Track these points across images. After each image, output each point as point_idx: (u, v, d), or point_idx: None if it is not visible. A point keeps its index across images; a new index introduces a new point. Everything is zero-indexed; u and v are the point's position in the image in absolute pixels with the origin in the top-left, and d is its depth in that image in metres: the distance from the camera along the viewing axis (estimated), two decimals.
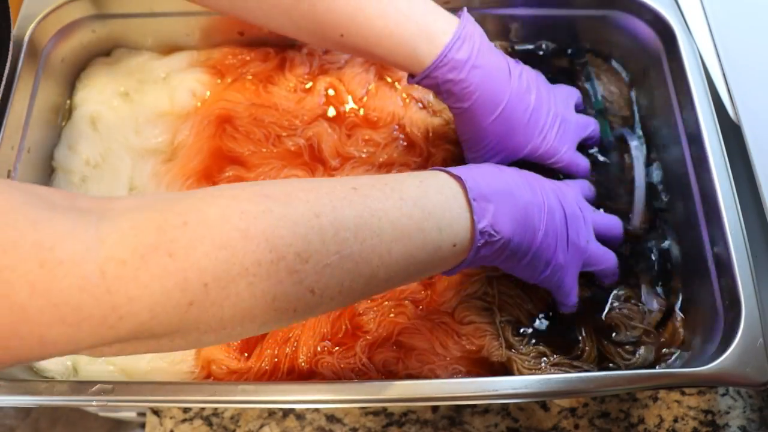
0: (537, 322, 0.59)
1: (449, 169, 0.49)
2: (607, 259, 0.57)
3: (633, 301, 0.60)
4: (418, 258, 0.44)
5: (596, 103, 0.69)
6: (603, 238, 0.58)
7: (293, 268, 0.37)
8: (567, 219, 0.53)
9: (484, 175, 0.49)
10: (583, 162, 0.63)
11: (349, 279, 0.40)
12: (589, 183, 0.62)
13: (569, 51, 0.73)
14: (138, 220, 0.34)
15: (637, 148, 0.66)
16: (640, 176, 0.64)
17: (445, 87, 0.56)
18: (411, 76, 0.57)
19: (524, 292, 0.60)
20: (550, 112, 0.60)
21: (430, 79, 0.55)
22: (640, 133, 0.69)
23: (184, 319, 0.35)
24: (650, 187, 0.65)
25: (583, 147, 0.65)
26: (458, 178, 0.48)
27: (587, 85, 0.71)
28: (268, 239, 0.36)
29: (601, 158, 0.67)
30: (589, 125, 0.64)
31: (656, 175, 0.66)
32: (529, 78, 0.59)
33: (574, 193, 0.57)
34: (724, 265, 0.55)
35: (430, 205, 0.45)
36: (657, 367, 0.57)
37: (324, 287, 0.39)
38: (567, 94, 0.65)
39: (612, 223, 0.60)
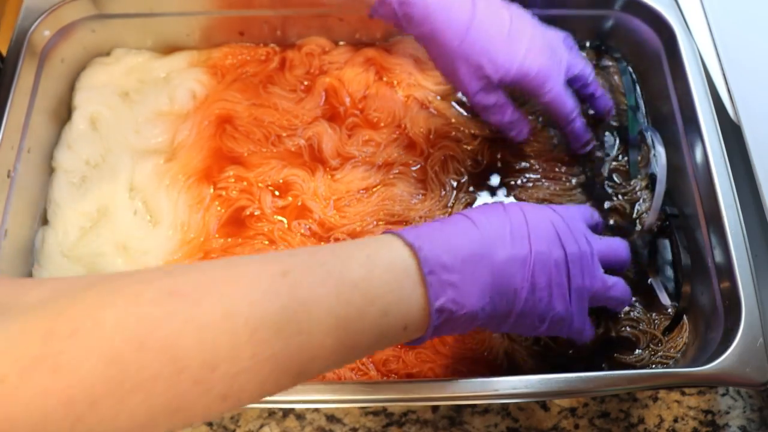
0: None
1: (405, 232, 0.42)
2: (618, 290, 0.51)
3: (642, 306, 0.60)
4: (360, 345, 0.39)
5: (629, 99, 0.69)
6: (609, 265, 0.51)
7: (198, 378, 0.33)
8: (568, 262, 0.46)
9: (449, 237, 0.43)
10: (570, 101, 0.58)
11: (272, 380, 0.35)
12: (592, 209, 0.55)
13: None
14: (28, 324, 0.31)
15: (660, 144, 0.65)
16: (662, 173, 0.63)
17: (403, 11, 0.53)
18: (370, 14, 0.55)
19: None
20: (536, 36, 0.56)
21: (386, 5, 0.52)
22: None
23: None
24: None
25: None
26: (412, 247, 0.41)
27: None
28: (168, 350, 0.32)
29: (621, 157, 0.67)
30: (580, 63, 0.61)
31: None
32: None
33: (577, 222, 0.50)
34: (724, 265, 0.55)
35: (375, 287, 0.39)
36: (657, 367, 0.57)
37: (239, 392, 0.34)
38: (557, 33, 0.62)
39: (617, 246, 0.53)
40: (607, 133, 0.68)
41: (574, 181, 0.66)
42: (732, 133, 0.61)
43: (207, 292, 0.34)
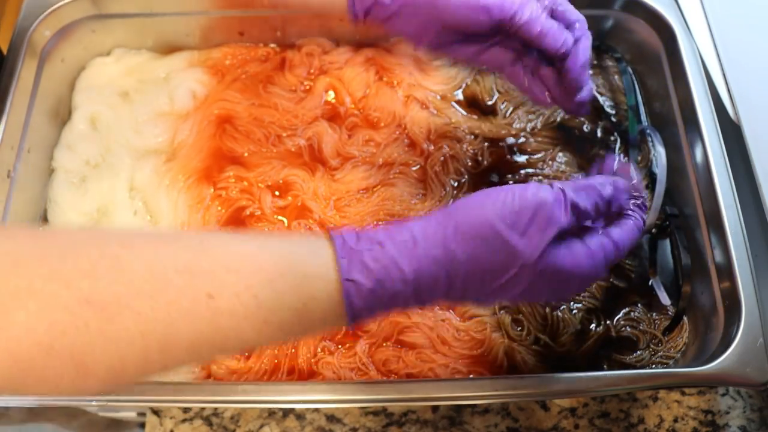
0: (539, 321, 0.59)
1: (342, 270, 0.38)
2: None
3: (642, 306, 0.60)
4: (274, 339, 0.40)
5: (629, 99, 0.69)
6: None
7: (104, 378, 0.34)
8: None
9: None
10: (560, 34, 0.50)
11: (174, 366, 0.37)
12: (607, 181, 0.46)
13: None
14: None
15: (660, 144, 0.65)
16: (662, 173, 0.62)
17: None
18: (354, 16, 0.53)
19: None
20: None
21: None
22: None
23: None
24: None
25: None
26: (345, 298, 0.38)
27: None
28: (75, 356, 0.33)
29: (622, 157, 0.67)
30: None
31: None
32: None
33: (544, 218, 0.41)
34: (724, 265, 0.55)
35: (305, 328, 0.39)
36: (657, 367, 0.57)
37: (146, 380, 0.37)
38: None
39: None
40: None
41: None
42: (732, 133, 0.61)
43: (125, 305, 0.34)
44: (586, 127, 0.69)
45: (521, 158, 0.67)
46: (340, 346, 0.58)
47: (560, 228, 0.41)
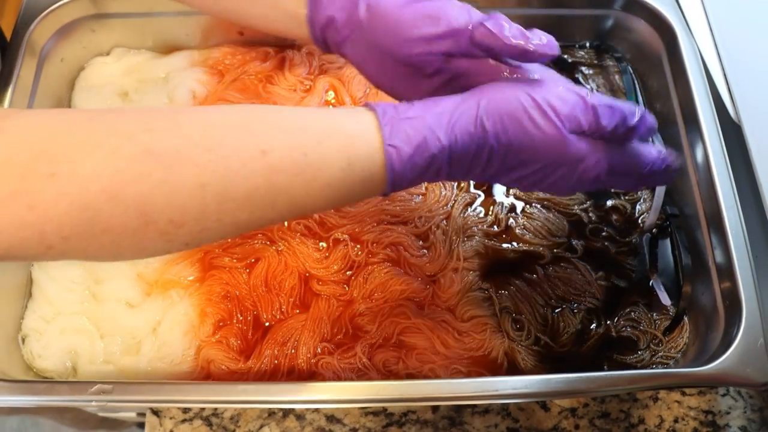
0: (539, 319, 0.59)
1: (384, 130, 0.40)
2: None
3: (642, 306, 0.60)
4: (318, 209, 0.42)
5: (629, 99, 0.69)
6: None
7: (164, 231, 0.36)
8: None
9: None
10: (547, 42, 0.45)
11: (231, 233, 0.39)
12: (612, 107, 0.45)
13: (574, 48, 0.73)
14: (8, 158, 0.33)
15: (661, 143, 0.64)
16: None
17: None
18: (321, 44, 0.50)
19: (527, 284, 0.60)
20: None
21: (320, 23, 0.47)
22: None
23: (44, 256, 0.35)
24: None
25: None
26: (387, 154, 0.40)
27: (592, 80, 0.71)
28: (139, 206, 0.35)
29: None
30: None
31: None
32: None
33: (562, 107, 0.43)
34: (725, 266, 0.55)
35: (349, 190, 0.41)
36: (657, 367, 0.57)
37: (201, 241, 0.38)
38: None
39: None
40: None
41: None
42: (732, 133, 0.61)
43: (185, 157, 0.35)
44: None
45: None
46: (340, 347, 0.58)
47: (583, 125, 0.43)
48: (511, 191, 0.65)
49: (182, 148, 0.36)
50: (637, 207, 0.65)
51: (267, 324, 0.59)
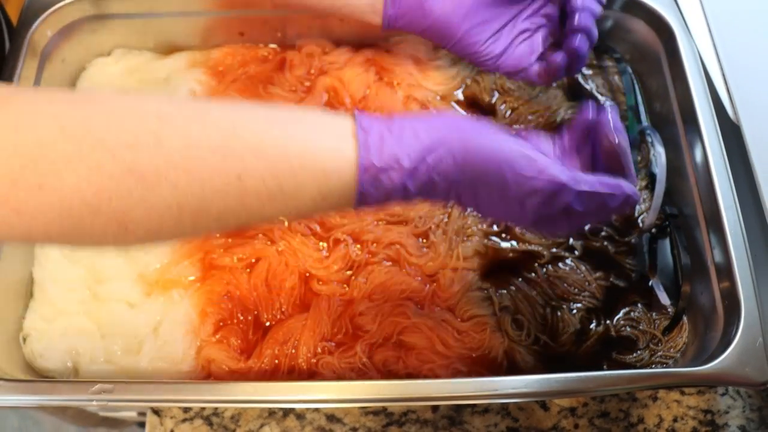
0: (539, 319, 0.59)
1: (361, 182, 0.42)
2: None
3: (642, 306, 0.60)
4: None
5: (629, 99, 0.69)
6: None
7: (143, 237, 0.40)
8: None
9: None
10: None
11: (205, 235, 0.46)
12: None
13: None
14: (1, 162, 0.35)
15: (660, 144, 0.64)
16: (662, 173, 0.62)
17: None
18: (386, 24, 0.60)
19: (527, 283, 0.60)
20: None
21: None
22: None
23: (29, 245, 0.39)
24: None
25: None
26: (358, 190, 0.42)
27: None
28: (119, 218, 0.37)
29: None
30: None
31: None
32: None
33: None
34: (724, 265, 0.55)
35: (318, 212, 0.45)
36: (656, 366, 0.58)
37: (177, 241, 0.44)
38: None
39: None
40: None
41: None
42: (731, 133, 0.61)
43: (165, 177, 0.38)
44: None
45: None
46: (340, 346, 0.58)
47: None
48: None
49: (162, 169, 0.38)
50: (637, 207, 0.65)
51: (267, 324, 0.59)
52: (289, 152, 0.40)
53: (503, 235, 0.63)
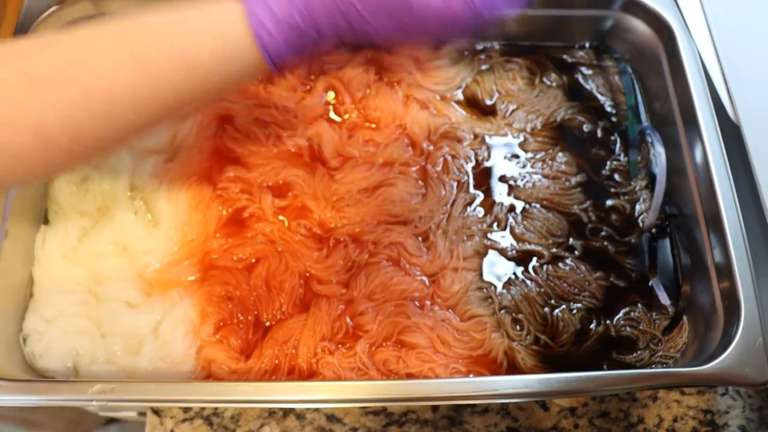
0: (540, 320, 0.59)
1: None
2: None
3: (642, 306, 0.60)
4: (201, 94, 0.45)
5: (629, 99, 0.69)
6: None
7: (68, 150, 0.41)
8: None
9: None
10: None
11: (133, 135, 0.44)
12: None
13: (573, 49, 0.73)
14: None
15: (660, 144, 0.64)
16: (662, 173, 0.63)
17: None
18: None
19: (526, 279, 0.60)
20: None
21: None
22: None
23: None
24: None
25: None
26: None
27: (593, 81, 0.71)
28: (37, 132, 0.39)
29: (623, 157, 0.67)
30: None
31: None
32: None
33: None
34: (724, 265, 0.55)
35: (218, 66, 0.43)
36: (656, 366, 0.58)
37: (105, 151, 0.44)
38: None
39: None
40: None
41: (573, 180, 0.66)
42: (731, 133, 0.61)
43: (64, 78, 0.39)
44: (586, 127, 0.69)
45: (521, 158, 0.67)
46: (340, 346, 0.58)
47: None
48: (512, 192, 0.65)
49: (60, 68, 0.39)
50: (637, 207, 0.65)
51: (267, 324, 0.59)
52: (176, 18, 0.42)
53: (503, 236, 0.63)
